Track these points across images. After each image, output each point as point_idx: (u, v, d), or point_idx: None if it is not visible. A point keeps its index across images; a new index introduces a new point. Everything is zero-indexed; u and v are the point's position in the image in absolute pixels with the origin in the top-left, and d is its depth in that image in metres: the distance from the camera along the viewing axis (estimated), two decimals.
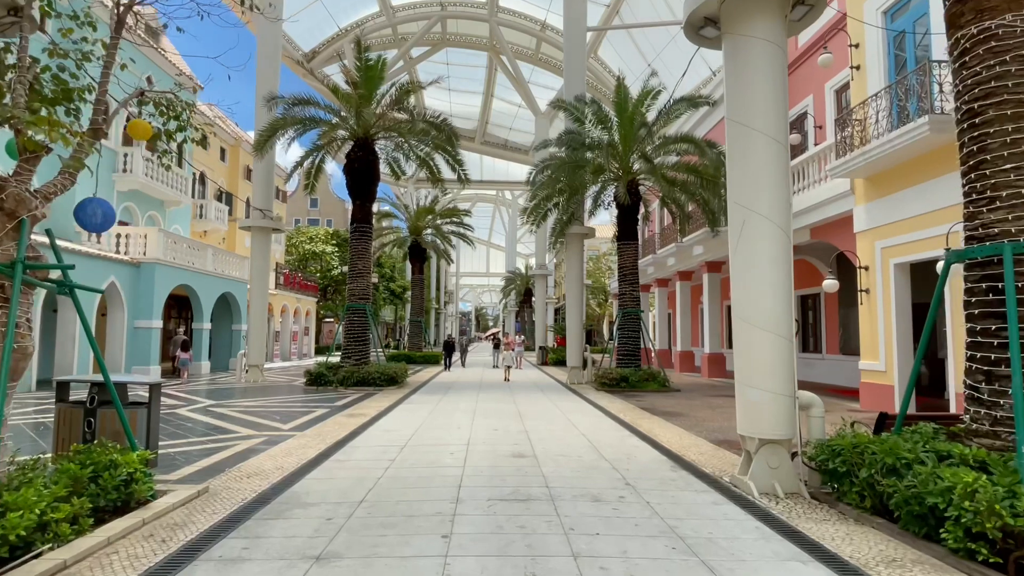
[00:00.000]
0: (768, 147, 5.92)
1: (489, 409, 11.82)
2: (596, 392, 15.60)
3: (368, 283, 17.02)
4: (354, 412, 11.19)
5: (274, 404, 12.61)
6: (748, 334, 5.90)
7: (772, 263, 5.85)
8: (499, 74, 35.66)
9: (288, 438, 8.46)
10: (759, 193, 5.91)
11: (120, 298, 17.88)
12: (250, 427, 9.49)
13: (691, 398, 14.31)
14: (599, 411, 11.72)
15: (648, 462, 7.00)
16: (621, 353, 17.10)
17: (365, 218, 17.12)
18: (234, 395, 14.47)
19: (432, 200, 32.07)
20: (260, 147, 16.42)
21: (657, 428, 9.48)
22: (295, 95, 15.99)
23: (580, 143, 16.90)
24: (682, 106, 15.99)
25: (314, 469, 6.54)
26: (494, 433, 8.93)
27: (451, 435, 8.75)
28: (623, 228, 17.24)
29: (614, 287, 37.21)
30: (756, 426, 5.79)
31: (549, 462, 6.86)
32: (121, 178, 20.75)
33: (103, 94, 5.78)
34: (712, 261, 21.22)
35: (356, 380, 15.80)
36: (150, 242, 18.68)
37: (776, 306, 5.82)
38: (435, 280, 67.72)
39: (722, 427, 9.76)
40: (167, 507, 4.93)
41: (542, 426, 9.63)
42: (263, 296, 18.78)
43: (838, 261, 18.93)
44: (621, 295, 17.37)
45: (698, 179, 16.03)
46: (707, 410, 12.02)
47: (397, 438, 8.47)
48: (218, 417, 10.54)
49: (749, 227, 5.90)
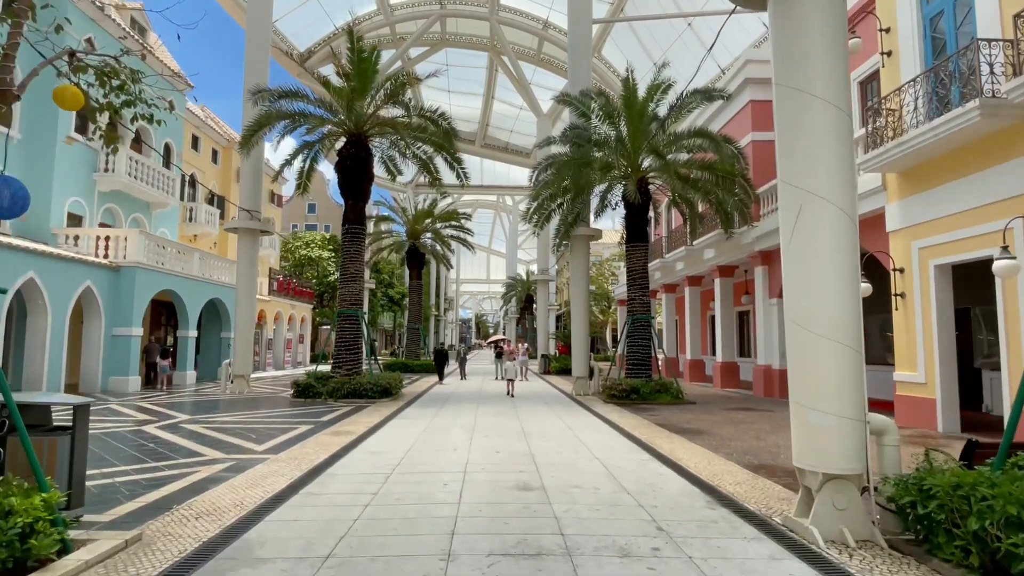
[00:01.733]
0: (830, 116, 4.87)
1: (489, 426, 10.72)
2: (604, 405, 14.49)
3: (361, 288, 15.96)
4: (340, 429, 10.09)
5: (254, 420, 11.51)
6: (807, 343, 4.82)
7: (836, 256, 4.78)
8: (500, 75, 34.77)
9: (259, 462, 7.36)
10: (818, 171, 4.85)
11: (97, 304, 16.80)
12: (220, 448, 8.40)
13: (709, 412, 13.20)
14: (611, 428, 10.61)
15: (678, 495, 5.90)
16: (631, 362, 15.99)
17: (358, 219, 16.07)
18: (214, 409, 13.37)
19: (431, 203, 31.03)
20: (246, 143, 15.41)
21: (680, 449, 8.38)
22: (282, 87, 14.99)
23: (586, 139, 15.89)
24: (696, 99, 14.97)
25: (279, 506, 5.45)
26: (495, 456, 7.83)
27: (446, 459, 7.65)
28: (632, 229, 16.18)
29: (618, 293, 36.16)
30: (819, 457, 4.70)
31: (561, 497, 5.76)
32: (103, 178, 19.73)
33: (12, 49, 4.72)
34: (725, 265, 20.15)
35: (347, 392, 14.70)
36: (130, 244, 17.63)
37: (842, 309, 4.74)
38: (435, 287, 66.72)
39: (752, 448, 8.65)
40: (75, 568, 3.83)
41: (549, 447, 8.53)
42: (250, 302, 17.71)
43: (865, 263, 17.88)
44: (630, 300, 16.29)
45: (713, 177, 14.98)
46: (729, 426, 10.91)
47: (384, 463, 7.37)
48: (188, 436, 9.44)
49: (808, 213, 4.84)
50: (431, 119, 15.60)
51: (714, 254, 20.47)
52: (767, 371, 17.00)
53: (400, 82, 15.13)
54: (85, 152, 19.29)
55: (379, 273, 49.06)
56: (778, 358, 16.72)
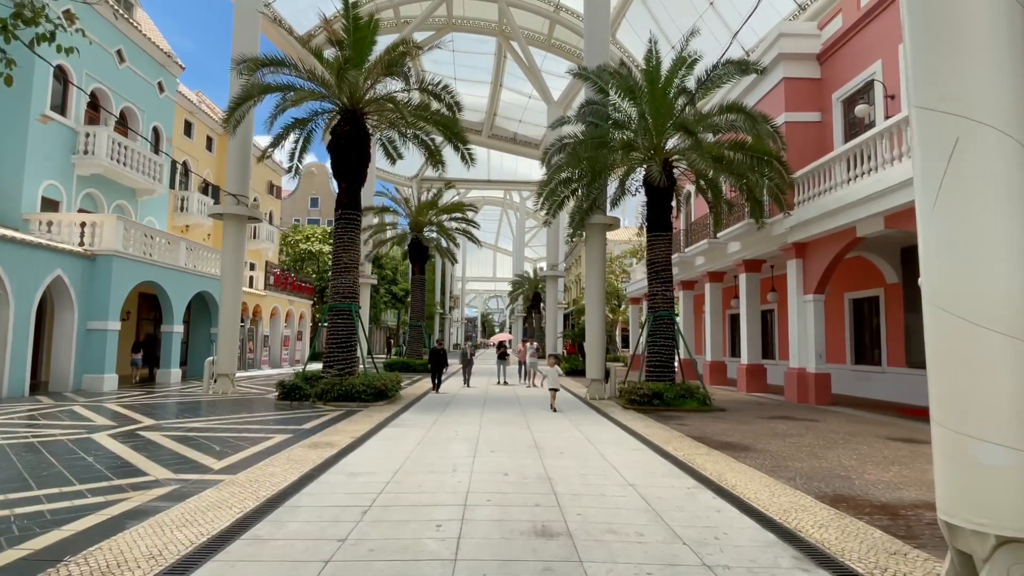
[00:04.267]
0: (999, 8, 3.34)
1: (496, 437, 9.21)
2: (624, 411, 12.96)
3: (355, 279, 14.50)
4: (320, 440, 8.61)
5: (226, 426, 10.06)
6: (963, 339, 3.29)
7: (1012, 209, 3.25)
8: (508, 62, 33.27)
9: (209, 486, 5.90)
10: (983, 87, 3.32)
11: (69, 295, 15.42)
12: (170, 464, 6.94)
13: (744, 421, 11.65)
14: (638, 441, 9.08)
15: (751, 546, 4.38)
16: (652, 364, 14.44)
17: (352, 204, 14.61)
18: (187, 412, 11.94)
19: (435, 194, 29.53)
20: (229, 119, 13.94)
21: (729, 472, 6.85)
22: (267, 55, 13.52)
23: (604, 116, 14.35)
24: (728, 71, 13.39)
25: (209, 560, 3.97)
26: (504, 482, 6.32)
27: (442, 484, 6.15)
28: (655, 216, 14.62)
29: (630, 290, 34.52)
30: (987, 511, 3.16)
31: (595, 550, 4.24)
32: (82, 161, 18.35)
33: None
34: (751, 259, 18.56)
35: (337, 394, 13.25)
36: (106, 231, 16.23)
37: (1020, 289, 3.21)
38: (439, 284, 65.33)
39: (816, 471, 7.11)
40: None
41: (570, 469, 7.01)
42: (235, 295, 16.28)
43: (903, 257, 16.27)
44: (652, 296, 14.74)
45: (746, 158, 13.40)
46: (775, 440, 9.36)
47: (364, 489, 5.88)
48: (140, 447, 8.00)
49: (968, 150, 3.30)
50: (433, 93, 14.11)
51: (740, 247, 18.87)
52: (801, 375, 15.41)
53: (399, 51, 13.63)
54: (63, 132, 17.92)
55: (382, 269, 47.68)
56: (813, 360, 15.14)
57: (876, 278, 16.81)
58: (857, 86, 15.30)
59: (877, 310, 17.03)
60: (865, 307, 17.72)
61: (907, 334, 15.78)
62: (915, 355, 15.55)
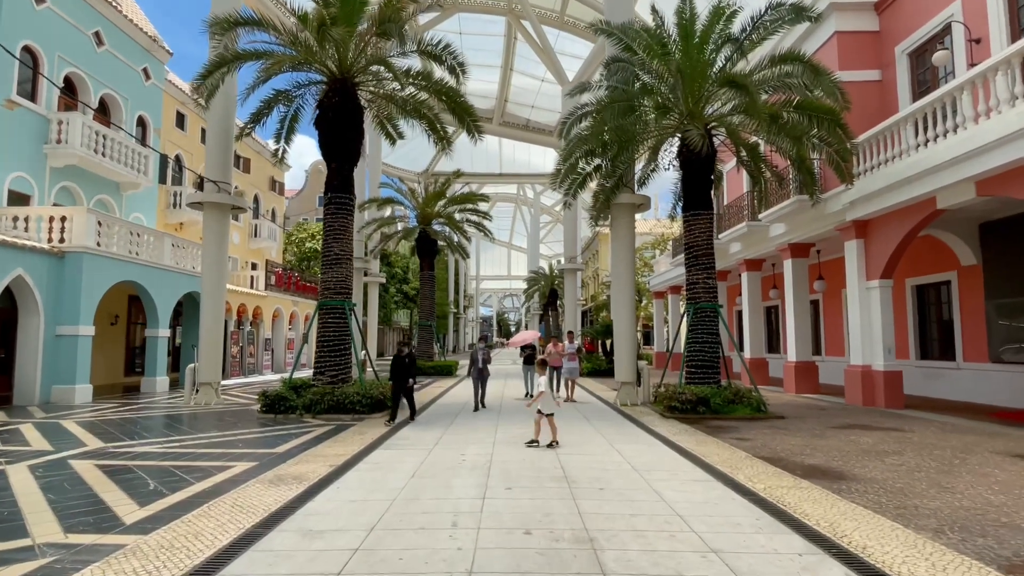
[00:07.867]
0: None
1: (514, 466, 7.23)
2: (664, 421, 10.93)
3: (349, 272, 12.67)
4: (287, 472, 6.73)
5: (185, 450, 8.25)
6: None
7: None
8: (519, 44, 31.27)
9: (103, 555, 4.04)
10: None
11: (34, 298, 13.78)
12: (67, 518, 5.10)
13: (814, 432, 9.56)
14: (696, 465, 7.07)
15: None
16: (694, 364, 12.40)
17: (344, 186, 12.77)
18: (150, 430, 10.15)
19: (443, 183, 27.64)
20: (201, 88, 12.12)
21: (844, 522, 4.82)
22: (241, 15, 11.69)
23: (632, 76, 12.33)
24: (779, 15, 11.27)
25: None
26: (525, 545, 4.37)
27: (436, 552, 4.22)
28: (693, 193, 12.58)
29: (654, 283, 32.36)
30: None
31: None
32: (55, 151, 16.76)
33: None
34: (798, 243, 16.40)
35: (328, 405, 11.41)
36: (76, 225, 14.56)
37: None
38: (452, 282, 63.60)
39: (958, 512, 5.06)
40: None
41: (617, 516, 5.04)
42: (218, 294, 14.52)
43: (982, 234, 14.01)
44: (691, 284, 12.69)
45: (805, 119, 11.29)
46: (869, 460, 7.29)
47: (317, 566, 3.98)
48: (51, 485, 6.19)
49: None
50: (433, 55, 12.19)
51: (784, 229, 16.72)
52: (866, 373, 13.25)
53: (394, 7, 11.74)
54: (31, 119, 16.33)
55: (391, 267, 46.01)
56: (881, 356, 12.99)
57: (947, 260, 14.57)
58: (928, 34, 13.08)
59: (949, 297, 14.79)
60: (931, 294, 15.47)
61: (989, 324, 13.54)
62: (999, 348, 13.34)
